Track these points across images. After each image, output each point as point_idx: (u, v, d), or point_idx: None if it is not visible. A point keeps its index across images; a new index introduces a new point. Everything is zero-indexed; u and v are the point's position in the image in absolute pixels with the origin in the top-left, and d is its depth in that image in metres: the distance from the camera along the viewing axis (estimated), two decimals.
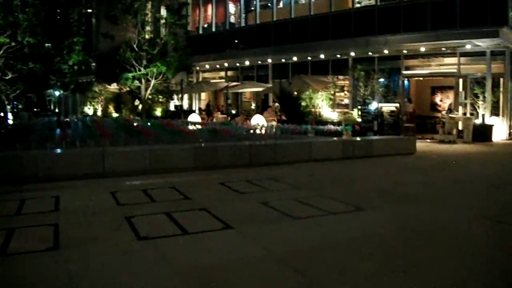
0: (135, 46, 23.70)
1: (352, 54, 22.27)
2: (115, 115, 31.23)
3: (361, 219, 6.33)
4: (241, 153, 11.32)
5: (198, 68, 33.41)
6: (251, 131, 14.52)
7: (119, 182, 9.31)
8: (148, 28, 24.26)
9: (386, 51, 20.66)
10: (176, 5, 25.00)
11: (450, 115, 17.92)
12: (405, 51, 20.31)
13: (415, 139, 14.34)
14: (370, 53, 21.60)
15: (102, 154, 10.12)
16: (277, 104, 21.34)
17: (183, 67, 26.10)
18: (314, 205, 7.01)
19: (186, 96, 34.63)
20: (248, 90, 27.36)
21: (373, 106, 17.67)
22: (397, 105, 17.64)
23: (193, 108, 32.39)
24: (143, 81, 24.49)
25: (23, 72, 20.01)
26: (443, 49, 19.29)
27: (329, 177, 9.98)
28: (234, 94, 31.86)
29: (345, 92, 22.76)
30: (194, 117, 25.16)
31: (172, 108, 32.49)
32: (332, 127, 14.30)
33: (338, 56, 23.19)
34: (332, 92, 19.86)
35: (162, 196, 8.00)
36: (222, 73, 32.39)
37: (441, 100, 22.23)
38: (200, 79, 33.86)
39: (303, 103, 19.16)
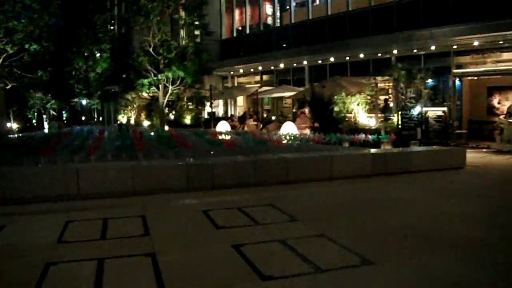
0: (150, 49, 22.12)
1: (395, 52, 19.85)
2: (146, 123, 30.13)
3: (363, 284, 4.21)
4: (244, 171, 9.37)
5: (232, 72, 31.86)
6: (269, 141, 12.55)
7: (87, 207, 7.68)
8: (164, 30, 22.45)
9: (433, 47, 18.14)
10: (195, 4, 23.12)
11: (510, 120, 15.14)
12: (455, 47, 17.68)
13: (464, 150, 11.80)
14: (415, 50, 19.12)
15: (76, 172, 8.50)
16: (305, 109, 19.11)
17: (203, 71, 24.34)
18: (303, 252, 4.94)
19: (221, 103, 33.14)
20: (279, 95, 25.38)
21: (416, 110, 15.22)
22: (445, 109, 15.11)
23: (229, 115, 30.77)
24: (160, 87, 22.87)
25: (25, 81, 18.90)
26: (500, 42, 16.52)
27: (344, 203, 7.77)
28: (274, 100, 30.01)
29: (389, 95, 20.32)
30: (223, 125, 23.41)
31: (206, 115, 31.07)
32: (360, 136, 12.06)
33: (379, 55, 20.82)
34: (369, 95, 17.47)
35: (120, 230, 6.23)
36: (258, 78, 30.62)
37: (499, 103, 19.30)
38: (235, 84, 32.26)
39: (336, 108, 16.90)
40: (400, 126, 15.27)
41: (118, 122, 33.97)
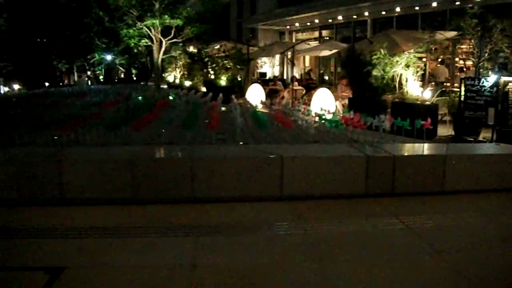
0: None
1: None
2: (187, 83, 26.58)
3: None
4: (117, 177, 5.34)
5: (288, 27, 27.14)
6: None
7: None
8: None
9: None
10: None
11: None
12: None
13: None
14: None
15: None
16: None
17: (203, 20, 19.69)
18: None
19: (277, 62, 28.68)
20: (323, 53, 20.36)
21: (490, 80, 9.87)
22: None
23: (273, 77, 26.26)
24: (154, 39, 18.65)
25: None
26: None
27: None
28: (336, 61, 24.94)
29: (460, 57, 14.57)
30: (254, 90, 19.08)
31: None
32: (368, 120, 7.29)
33: (458, 3, 15.13)
34: (420, 55, 12.01)
35: None
36: (316, 33, 25.64)
37: None
38: (293, 40, 27.50)
39: (374, 72, 11.81)
40: (462, 104, 10.07)
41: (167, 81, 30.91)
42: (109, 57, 26.39)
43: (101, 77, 43.90)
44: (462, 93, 10.09)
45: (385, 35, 13.94)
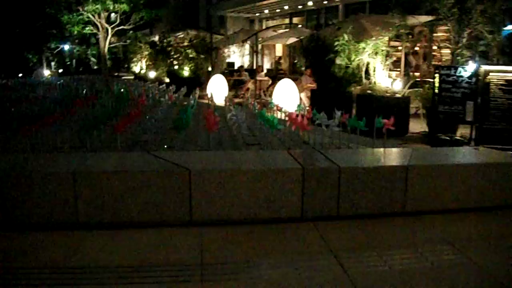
0: None
1: None
2: (152, 74, 24.92)
3: None
4: None
5: (258, 14, 25.68)
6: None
7: None
8: None
9: None
10: None
11: None
12: None
13: None
14: None
15: None
16: None
17: (152, 5, 18.03)
18: None
19: (246, 51, 27.18)
20: (289, 41, 18.96)
21: (469, 70, 8.55)
22: None
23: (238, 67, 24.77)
24: (99, 26, 16.94)
25: None
26: None
27: None
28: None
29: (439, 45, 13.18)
30: (217, 82, 17.49)
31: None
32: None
33: None
34: (396, 43, 10.72)
35: None
36: (287, 20, 24.25)
37: None
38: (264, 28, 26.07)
39: (338, 61, 10.40)
40: (436, 97, 8.74)
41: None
42: (66, 47, 24.65)
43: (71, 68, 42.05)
44: (436, 84, 8.75)
45: (353, 20, 12.52)
